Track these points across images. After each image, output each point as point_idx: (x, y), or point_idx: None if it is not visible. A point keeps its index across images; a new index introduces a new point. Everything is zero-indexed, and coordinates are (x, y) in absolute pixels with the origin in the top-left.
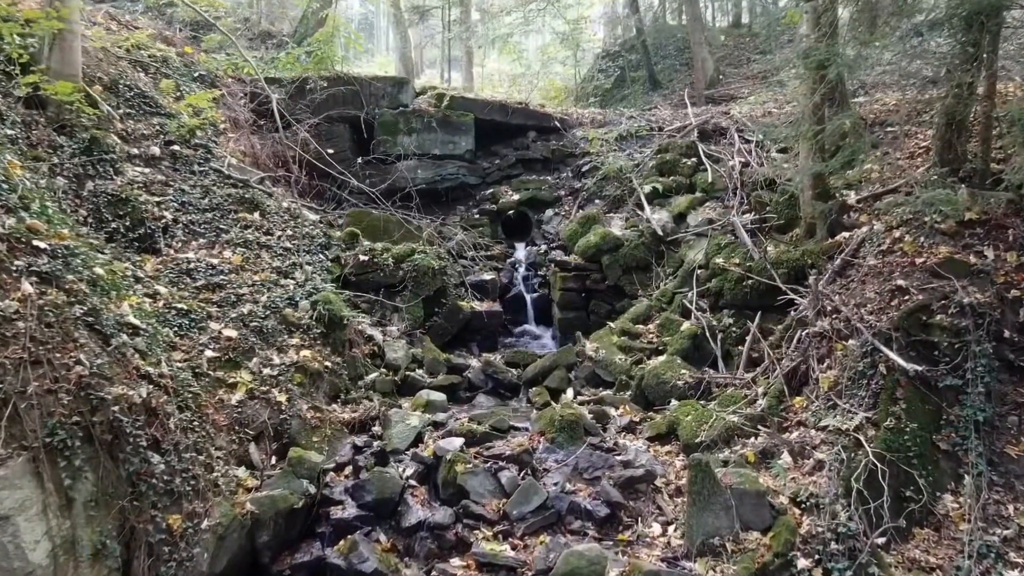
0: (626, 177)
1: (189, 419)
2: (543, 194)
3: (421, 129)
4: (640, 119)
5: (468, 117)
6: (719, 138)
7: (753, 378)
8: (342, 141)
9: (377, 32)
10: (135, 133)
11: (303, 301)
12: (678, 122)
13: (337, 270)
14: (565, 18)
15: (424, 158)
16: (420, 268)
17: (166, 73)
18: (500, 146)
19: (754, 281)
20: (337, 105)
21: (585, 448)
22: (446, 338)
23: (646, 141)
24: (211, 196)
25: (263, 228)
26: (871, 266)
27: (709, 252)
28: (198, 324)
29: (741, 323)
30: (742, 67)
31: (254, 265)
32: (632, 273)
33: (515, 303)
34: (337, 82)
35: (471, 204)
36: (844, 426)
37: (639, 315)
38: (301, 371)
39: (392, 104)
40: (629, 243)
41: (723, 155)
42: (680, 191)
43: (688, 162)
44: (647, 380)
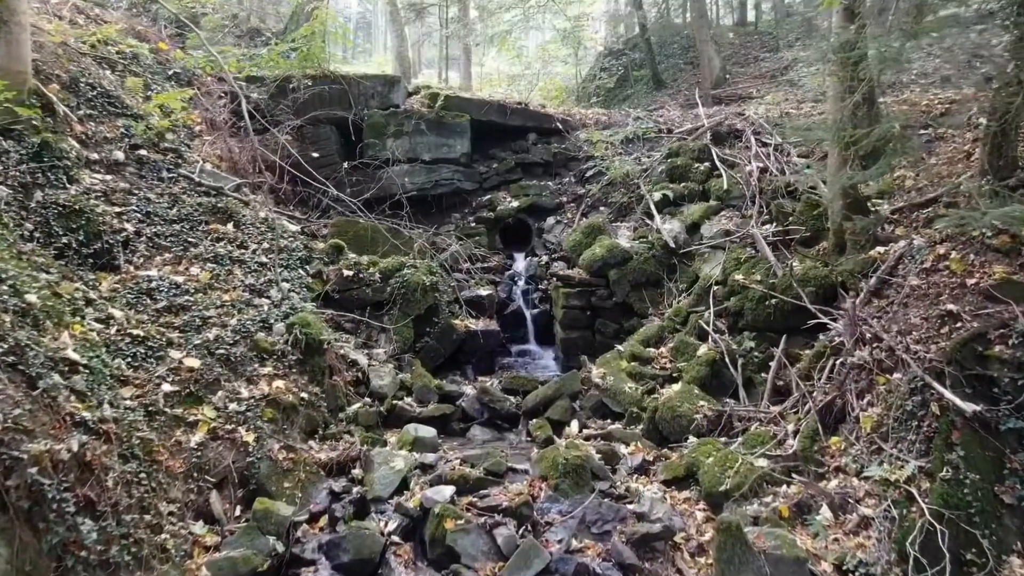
0: (633, 183)
1: (135, 471)
2: (544, 200)
3: (413, 131)
4: (647, 120)
5: (464, 118)
6: (734, 141)
7: (781, 412)
8: (328, 144)
9: (375, 31)
10: (96, 136)
11: (278, 324)
12: (688, 123)
13: (318, 287)
14: (566, 15)
15: (416, 162)
16: (409, 284)
17: (135, 71)
18: (498, 149)
19: (778, 300)
20: (323, 105)
21: (593, 498)
22: (438, 361)
23: (654, 144)
24: (180, 205)
25: (237, 241)
26: (914, 287)
27: (727, 267)
28: (156, 353)
29: (764, 347)
30: (749, 66)
31: (224, 283)
32: (642, 289)
33: (514, 320)
34: (323, 81)
35: (467, 211)
36: (893, 477)
37: (650, 337)
38: (273, 405)
39: (382, 104)
40: (638, 256)
41: (739, 160)
42: (693, 199)
43: (701, 167)
44: (661, 413)
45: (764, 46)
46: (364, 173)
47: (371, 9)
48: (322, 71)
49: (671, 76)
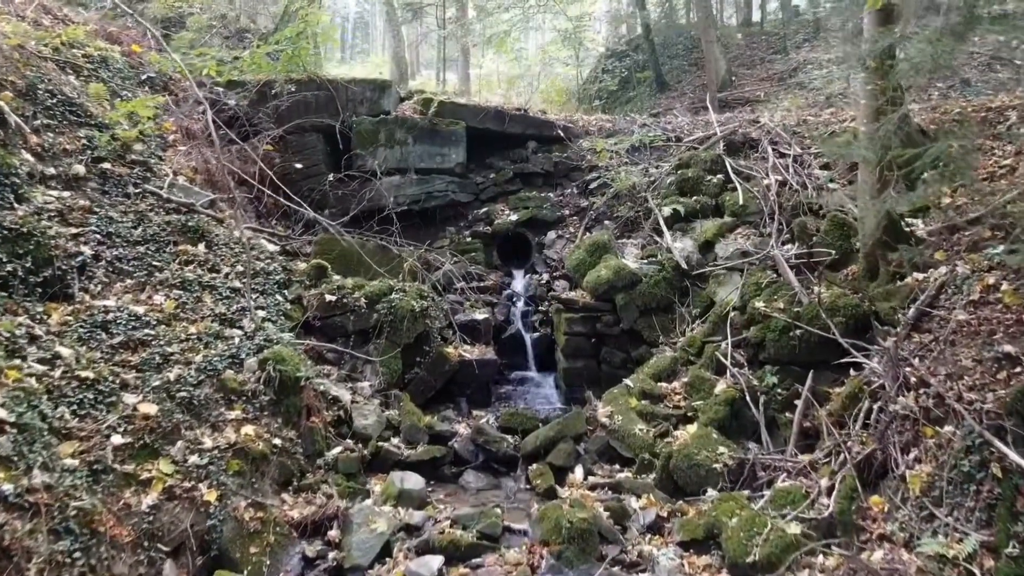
0: (641, 196)
1: (68, 549)
2: (544, 213)
3: (405, 140)
4: (654, 127)
5: (459, 126)
6: (749, 151)
7: (812, 462)
8: (314, 153)
9: (373, 32)
10: (54, 149)
11: (250, 359)
12: (699, 131)
13: (298, 314)
14: (567, 15)
15: (408, 173)
16: (398, 311)
17: (104, 76)
18: (495, 158)
19: (804, 332)
20: (308, 112)
21: (603, 570)
22: (429, 393)
23: (662, 153)
24: (146, 225)
25: (208, 264)
26: (961, 322)
27: (746, 293)
28: (107, 398)
29: (788, 382)
30: (755, 68)
31: (192, 312)
32: (651, 315)
33: (512, 344)
34: (309, 86)
35: (462, 225)
36: (951, 553)
37: (662, 370)
38: (241, 455)
39: (372, 111)
40: (648, 279)
41: (755, 172)
42: (705, 214)
43: (714, 180)
44: (676, 461)
45: (771, 47)
46: (352, 184)
47: (369, 9)
48: (307, 75)
49: (675, 78)
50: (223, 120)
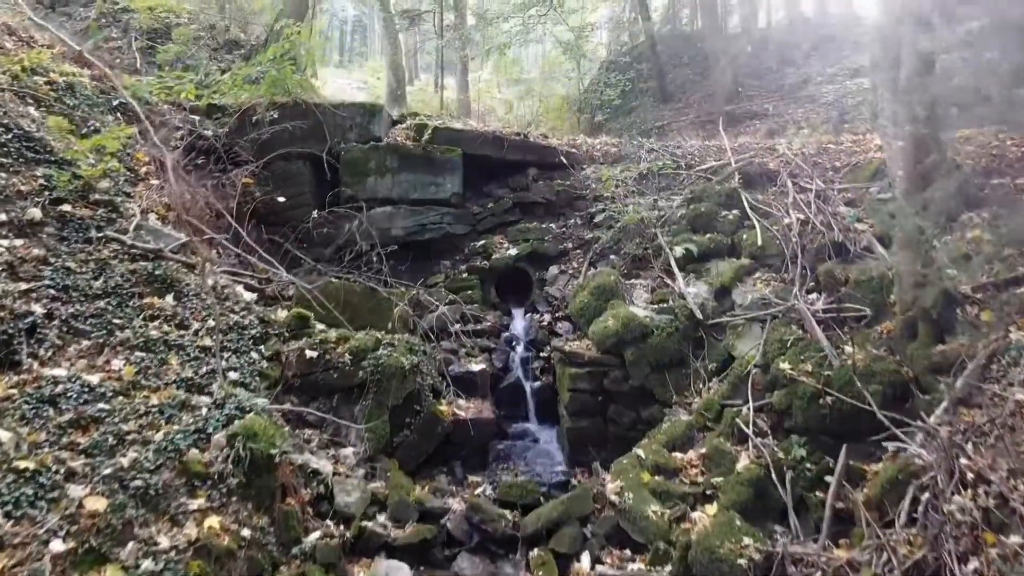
0: (650, 232)
1: None
2: (546, 246)
3: (397, 168)
4: (662, 152)
5: (455, 153)
6: (766, 184)
7: (850, 561)
8: (299, 183)
9: (371, 35)
10: (7, 191)
11: (218, 434)
12: (711, 158)
13: (275, 372)
14: (568, 24)
15: (400, 204)
16: (385, 369)
17: (70, 104)
18: (494, 185)
19: (835, 400)
20: (293, 139)
21: None
22: (420, 458)
23: (671, 181)
24: (108, 275)
25: (176, 319)
26: (1021, 403)
27: (769, 351)
28: (49, 493)
29: (818, 455)
30: (763, 78)
31: (154, 378)
32: (664, 372)
33: (512, 394)
34: (293, 110)
35: (458, 259)
36: None
37: (676, 437)
38: (203, 554)
39: (362, 137)
40: (660, 332)
41: (774, 208)
42: (720, 253)
43: (729, 216)
44: (696, 554)
45: (779, 56)
46: (340, 216)
47: (367, 12)
48: (292, 99)
49: (679, 88)
50: (201, 149)
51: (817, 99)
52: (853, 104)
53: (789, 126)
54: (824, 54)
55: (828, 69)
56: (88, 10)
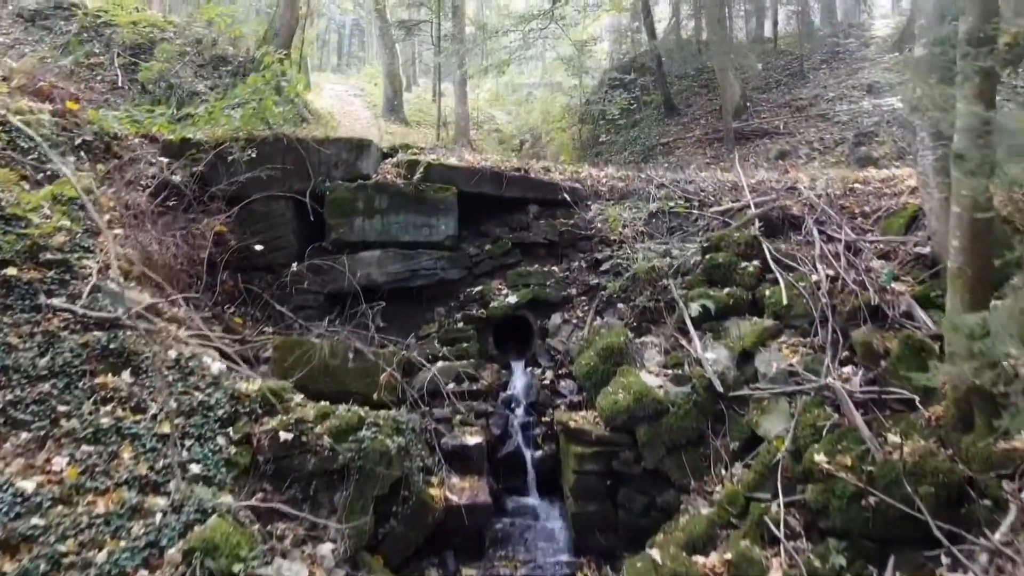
0: (661, 284)
1: None
2: (548, 292)
3: (387, 208)
4: (673, 188)
5: (449, 192)
6: (789, 230)
7: None
8: (281, 225)
9: (368, 38)
10: None
11: (172, 549)
12: (726, 198)
13: (245, 458)
14: (569, 38)
15: (390, 247)
16: (369, 454)
17: (24, 146)
18: (492, 224)
19: (879, 501)
20: (275, 177)
21: None
22: (408, 552)
23: (683, 221)
24: (55, 351)
25: (132, 401)
26: None
27: (800, 437)
28: None
29: (860, 565)
30: (771, 92)
31: (102, 477)
32: (680, 453)
33: (511, 464)
34: (275, 146)
35: (453, 305)
36: None
37: (696, 536)
38: None
39: (348, 174)
40: (676, 408)
41: (799, 260)
42: (740, 310)
43: (749, 267)
44: None
45: (787, 68)
46: (325, 261)
47: (365, 16)
48: (273, 134)
49: (684, 101)
50: (174, 188)
51: (830, 117)
52: (869, 124)
53: (802, 147)
54: (834, 67)
55: (840, 84)
56: (69, 24)
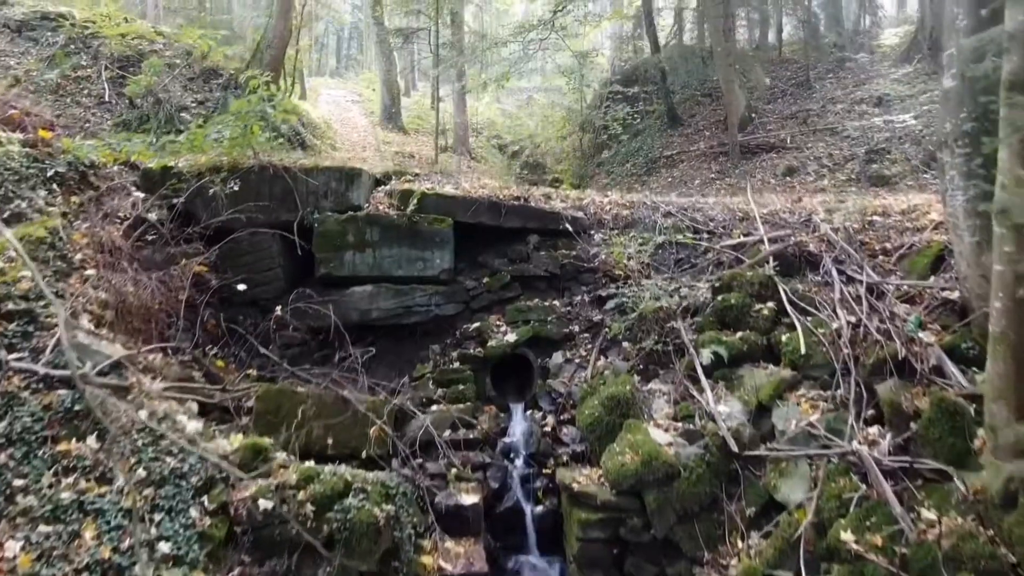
0: (669, 326)
1: None
2: (549, 329)
3: (379, 241)
4: (681, 217)
5: (445, 224)
6: (806, 268)
7: None
8: (268, 258)
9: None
10: None
11: None
12: (737, 230)
13: (220, 531)
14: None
15: (383, 283)
16: (356, 525)
17: None
18: (490, 254)
19: None
20: (260, 207)
21: None
22: None
23: (691, 252)
24: (14, 415)
25: (96, 470)
26: None
27: (825, 509)
28: None
29: None
30: (777, 102)
31: (61, 563)
32: (692, 521)
33: (510, 521)
34: (261, 175)
35: (449, 342)
36: None
37: None
38: None
39: (339, 205)
40: (688, 473)
41: (817, 303)
42: (754, 356)
43: (764, 310)
44: None
45: (792, 77)
46: (314, 296)
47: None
48: (258, 162)
49: (687, 110)
50: (153, 222)
51: (839, 131)
52: (880, 140)
53: (810, 163)
54: (841, 77)
55: (848, 95)
56: (56, 35)
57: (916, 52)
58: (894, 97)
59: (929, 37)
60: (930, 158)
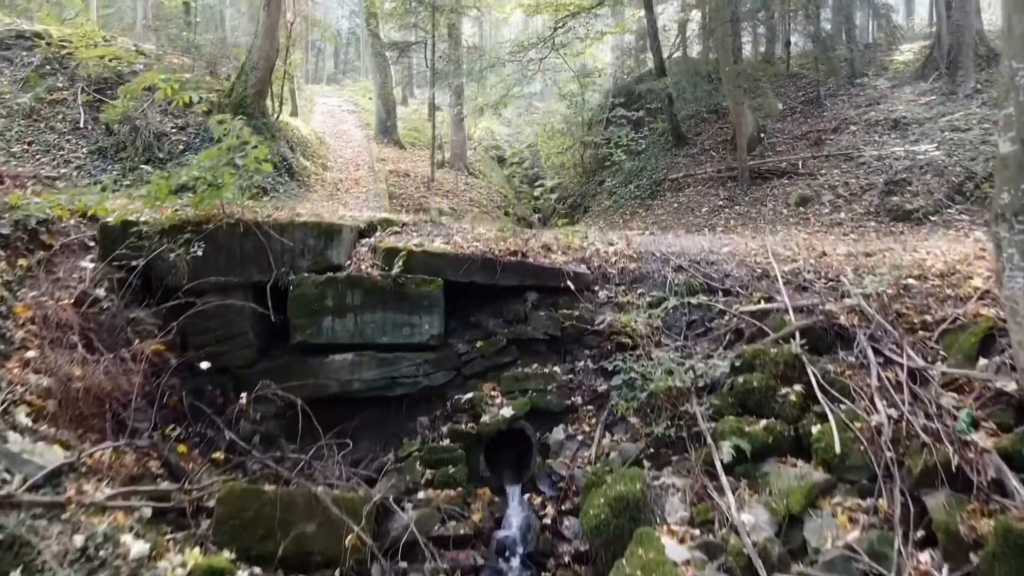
0: (684, 409)
1: None
2: (550, 400)
3: (361, 306)
4: (693, 272)
5: (434, 285)
6: (837, 343)
7: None
8: (240, 321)
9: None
10: None
11: None
12: (758, 295)
13: None
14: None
15: (366, 351)
16: None
17: None
18: (484, 314)
19: None
20: (231, 265)
21: None
22: None
23: (705, 314)
24: None
25: None
26: None
27: None
28: None
29: None
30: (786, 121)
31: None
32: None
33: None
34: (232, 231)
35: (439, 414)
36: None
37: None
38: None
39: (316, 264)
40: None
41: (851, 388)
42: (781, 449)
43: (791, 395)
44: None
45: (800, 93)
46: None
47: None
48: (227, 218)
49: (692, 128)
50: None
51: (854, 157)
52: (900, 170)
53: (825, 192)
54: (852, 94)
55: (861, 116)
56: (32, 55)
57: (932, 70)
58: (911, 120)
59: (947, 56)
60: (955, 192)
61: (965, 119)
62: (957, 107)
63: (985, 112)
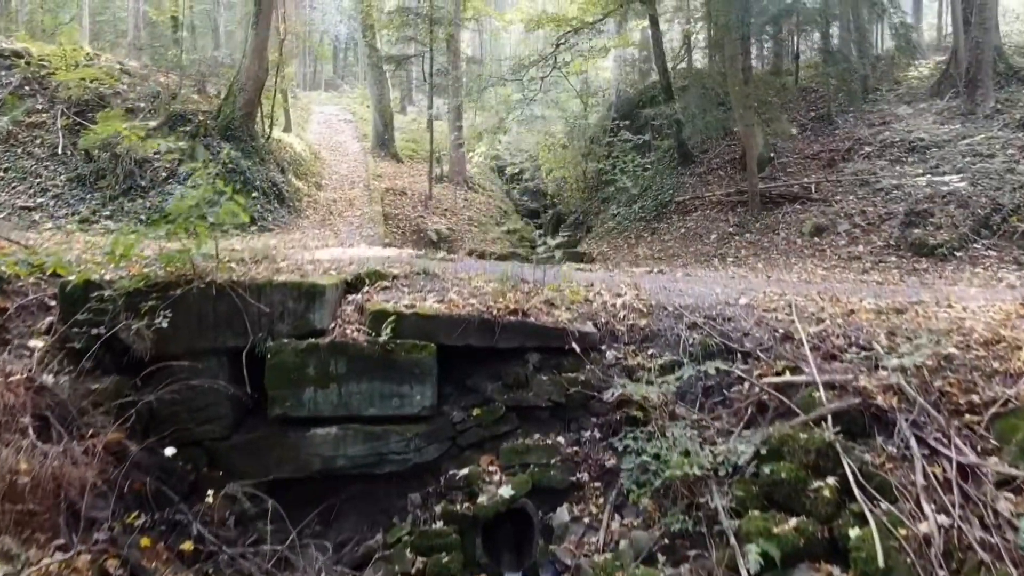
0: (703, 500)
1: None
2: (553, 476)
3: (346, 375)
4: (710, 330)
5: (426, 351)
6: (874, 428)
7: None
8: (213, 391)
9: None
10: None
11: None
12: (780, 360)
13: None
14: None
15: (351, 424)
16: None
17: None
18: (481, 377)
19: None
20: (204, 329)
21: None
22: None
23: (723, 380)
24: None
25: None
26: None
27: None
28: None
29: None
30: (796, 139)
31: None
32: None
33: None
34: (203, 293)
35: (431, 491)
36: None
37: None
38: None
39: (297, 329)
40: None
41: (895, 487)
42: (814, 553)
43: (824, 489)
44: None
45: (810, 108)
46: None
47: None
48: (200, 279)
49: (698, 145)
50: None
51: (871, 182)
52: (921, 199)
53: (840, 220)
54: (865, 111)
55: (876, 135)
56: (11, 74)
57: (948, 87)
58: (929, 142)
59: (965, 73)
60: (981, 225)
61: (988, 143)
62: (978, 128)
63: (1008, 136)
